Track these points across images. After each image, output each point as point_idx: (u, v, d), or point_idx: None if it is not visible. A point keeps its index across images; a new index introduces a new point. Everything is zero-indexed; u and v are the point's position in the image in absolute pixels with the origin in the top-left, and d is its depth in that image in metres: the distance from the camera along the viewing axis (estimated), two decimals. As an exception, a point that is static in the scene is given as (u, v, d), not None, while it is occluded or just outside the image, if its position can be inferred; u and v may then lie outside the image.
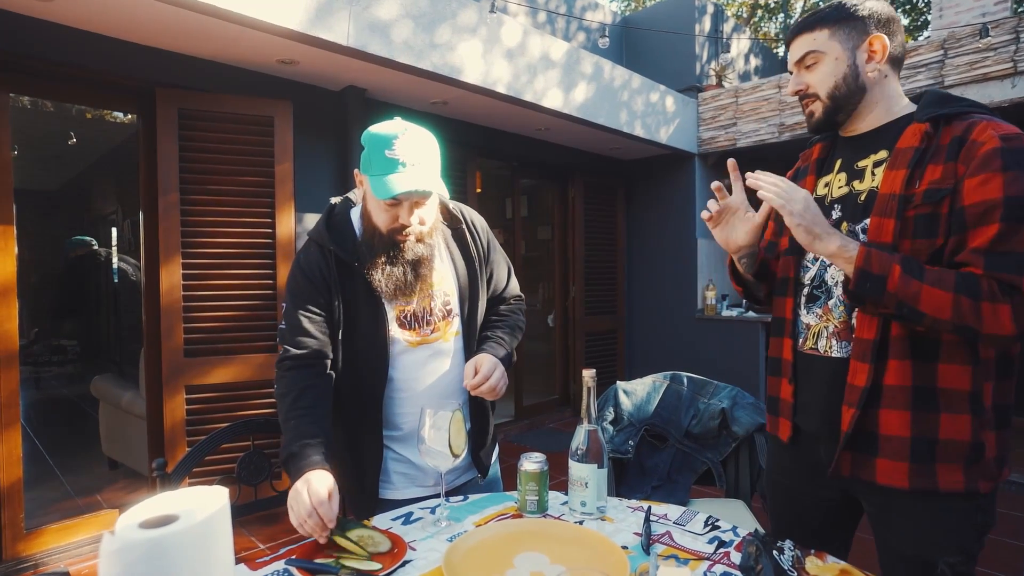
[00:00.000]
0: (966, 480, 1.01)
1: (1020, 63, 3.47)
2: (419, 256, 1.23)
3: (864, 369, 1.05)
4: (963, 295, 0.92)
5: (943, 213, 0.99)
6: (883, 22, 1.12)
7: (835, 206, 1.17)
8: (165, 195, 2.67)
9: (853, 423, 1.05)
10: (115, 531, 0.68)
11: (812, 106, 1.17)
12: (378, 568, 0.95)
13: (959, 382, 1.01)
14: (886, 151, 1.10)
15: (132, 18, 2.39)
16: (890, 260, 0.97)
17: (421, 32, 2.95)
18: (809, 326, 1.20)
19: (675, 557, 1.01)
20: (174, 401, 2.68)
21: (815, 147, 1.29)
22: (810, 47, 1.14)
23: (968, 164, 0.98)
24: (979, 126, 1.00)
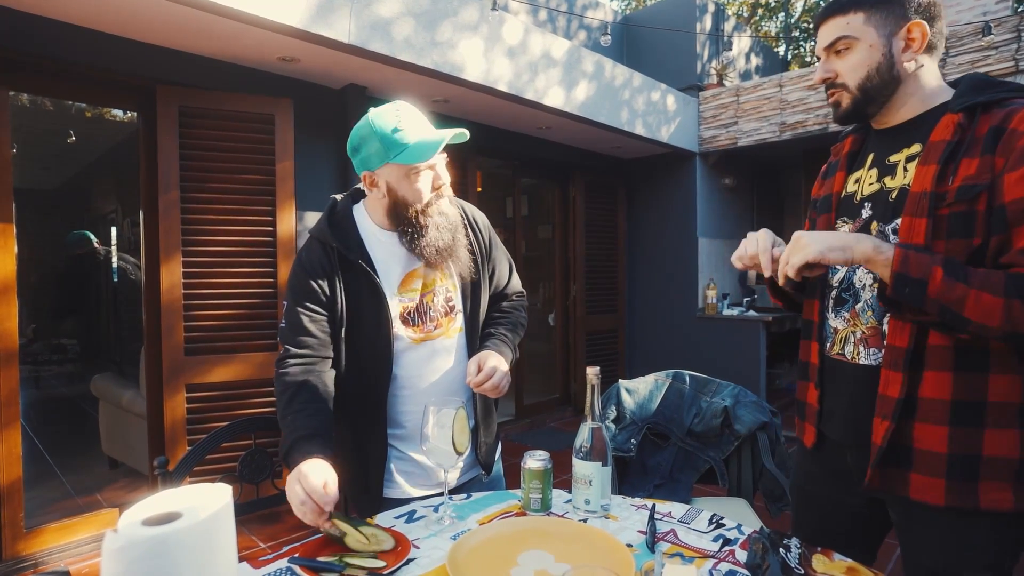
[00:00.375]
0: (1016, 499, 0.93)
1: (1022, 61, 3.47)
2: (455, 220, 1.27)
3: (897, 379, 0.98)
4: (1015, 298, 0.85)
5: (980, 210, 0.91)
6: (924, 7, 1.02)
7: (865, 204, 1.09)
8: (165, 193, 2.66)
9: (887, 437, 0.99)
10: (118, 529, 0.67)
11: (839, 96, 1.09)
12: (382, 566, 0.95)
13: (1008, 394, 0.93)
14: (919, 144, 1.02)
15: (133, 15, 2.38)
16: (931, 262, 0.89)
17: (422, 30, 2.94)
18: (837, 330, 1.14)
19: (680, 555, 1.01)
20: (174, 400, 2.68)
21: (846, 140, 1.21)
22: (842, 32, 1.05)
23: (1008, 156, 0.90)
24: (1019, 114, 0.91)
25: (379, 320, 1.24)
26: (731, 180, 5.39)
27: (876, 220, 1.07)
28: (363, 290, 1.24)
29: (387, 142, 1.17)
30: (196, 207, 2.74)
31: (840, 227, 1.14)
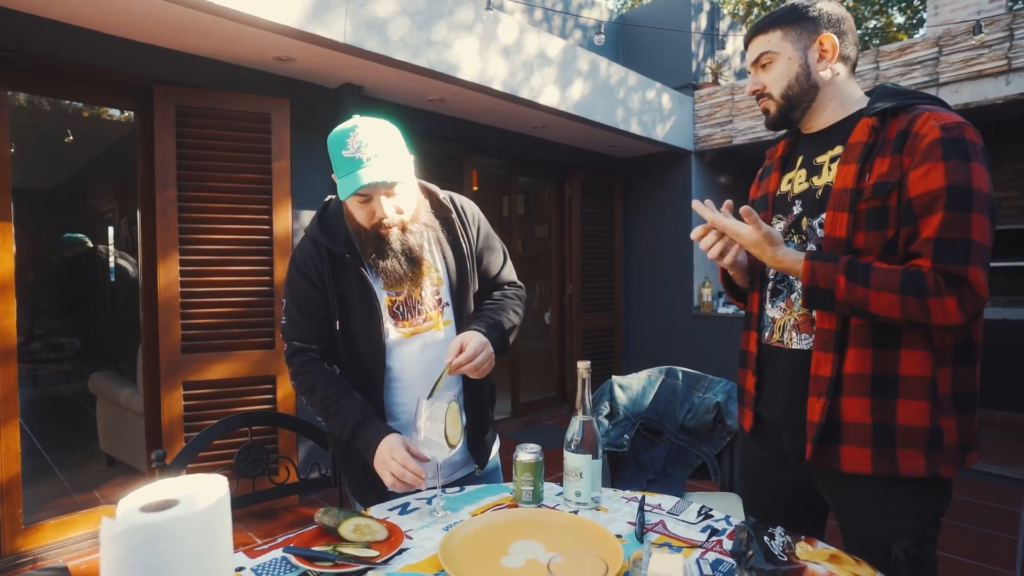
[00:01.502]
0: (927, 464, 1.03)
1: (1014, 60, 3.49)
2: (408, 245, 1.25)
3: (828, 359, 1.08)
4: (909, 295, 0.96)
5: (892, 205, 1.02)
6: (833, 22, 1.15)
7: (796, 202, 1.20)
8: (163, 192, 2.68)
9: (824, 413, 1.08)
10: (116, 515, 0.69)
11: (767, 104, 1.20)
12: (375, 555, 0.96)
13: (918, 369, 1.03)
14: (841, 146, 1.13)
15: (130, 15, 2.39)
16: (833, 271, 1.01)
17: (417, 29, 2.96)
18: (775, 319, 1.23)
19: (668, 545, 1.03)
20: (171, 397, 2.69)
21: (779, 144, 1.32)
22: (764, 48, 1.17)
23: (912, 156, 1.01)
24: (922, 118, 1.02)
25: (370, 314, 1.27)
26: (727, 178, 5.42)
27: (805, 216, 1.17)
28: (353, 284, 1.27)
29: (333, 161, 1.22)
30: (193, 206, 2.75)
31: (776, 223, 1.24)
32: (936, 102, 1.09)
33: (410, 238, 1.25)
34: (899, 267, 1.00)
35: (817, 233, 1.13)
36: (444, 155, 3.95)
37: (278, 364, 2.95)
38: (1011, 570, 2.40)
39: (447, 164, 3.97)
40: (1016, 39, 3.48)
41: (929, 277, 0.96)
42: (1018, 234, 4.79)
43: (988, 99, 3.62)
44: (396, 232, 1.24)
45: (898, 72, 3.96)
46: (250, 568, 0.97)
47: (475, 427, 1.37)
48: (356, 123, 1.21)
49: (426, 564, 0.96)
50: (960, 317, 0.96)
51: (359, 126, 1.20)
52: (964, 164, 0.98)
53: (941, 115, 1.02)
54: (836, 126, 1.17)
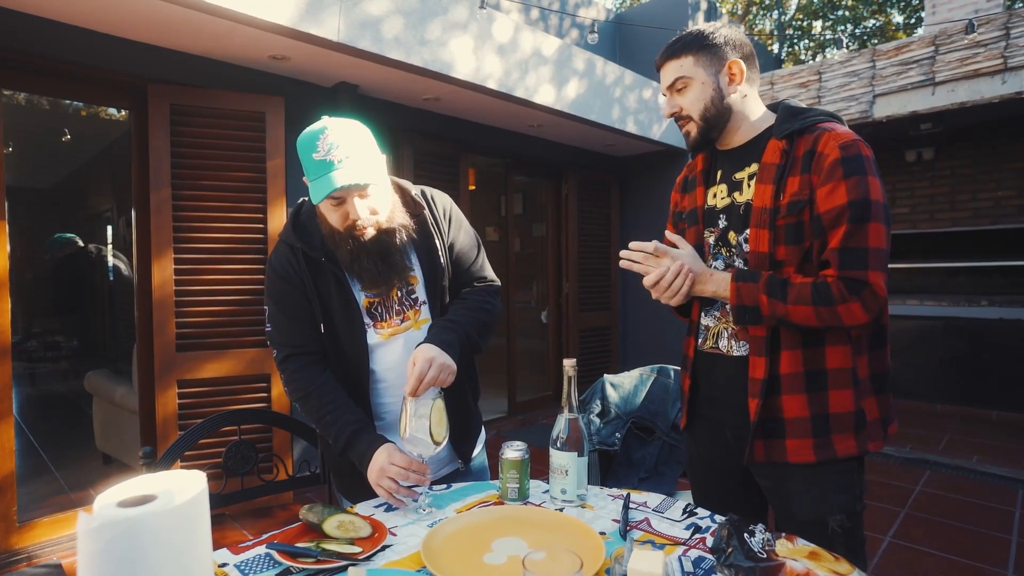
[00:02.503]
0: (858, 444, 1.16)
1: (1010, 59, 3.49)
2: (385, 246, 1.23)
3: (761, 363, 1.19)
4: (820, 306, 1.09)
5: (805, 220, 1.14)
6: (737, 47, 1.24)
7: (721, 216, 1.29)
8: (157, 191, 2.68)
9: (759, 412, 1.18)
10: (93, 510, 0.69)
11: (688, 127, 1.27)
12: (358, 551, 0.97)
13: (842, 361, 1.16)
14: (756, 163, 1.23)
15: (124, 14, 2.39)
16: (756, 291, 1.14)
17: (411, 28, 2.96)
18: (708, 327, 1.33)
19: (651, 542, 1.03)
20: (166, 395, 2.70)
21: (698, 159, 1.39)
22: (679, 73, 1.24)
23: (819, 174, 1.12)
24: (823, 138, 1.13)
25: (350, 315, 1.26)
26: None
27: (732, 230, 1.27)
28: (331, 287, 1.25)
29: (303, 164, 1.19)
30: (187, 204, 2.76)
31: (707, 236, 1.33)
32: (834, 119, 1.20)
33: (385, 238, 1.23)
34: (809, 280, 1.12)
35: (743, 248, 1.24)
36: (440, 154, 3.96)
37: (272, 362, 2.94)
38: (1004, 569, 2.40)
39: (443, 163, 3.97)
40: (1012, 38, 3.48)
41: (833, 287, 1.09)
42: (1016, 233, 4.79)
43: (984, 98, 3.61)
44: (371, 232, 1.21)
45: (894, 71, 3.96)
46: (233, 564, 0.97)
47: (457, 421, 1.33)
48: (325, 124, 1.18)
49: (408, 561, 0.97)
50: (866, 317, 1.09)
51: (328, 128, 1.17)
52: (862, 179, 1.09)
53: (839, 134, 1.12)
54: (749, 144, 1.26)
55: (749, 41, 1.29)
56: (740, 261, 1.25)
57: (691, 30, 1.26)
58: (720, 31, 1.24)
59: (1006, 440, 4.14)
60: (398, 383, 1.29)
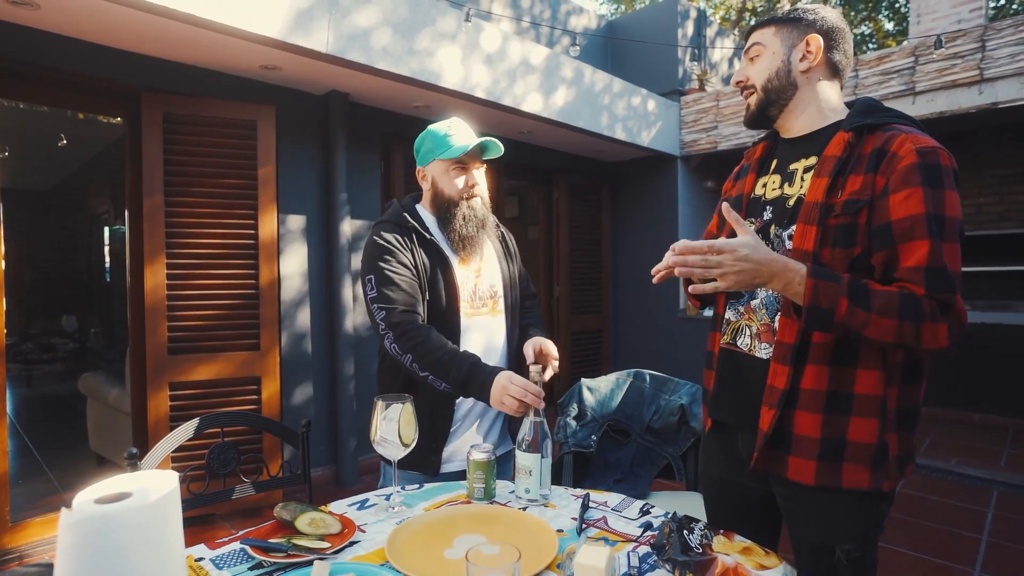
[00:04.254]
0: (872, 479, 1.05)
1: (986, 71, 3.57)
2: (484, 219, 1.50)
3: (784, 372, 1.08)
4: (907, 320, 0.95)
5: (861, 223, 1.02)
6: (826, 29, 1.16)
7: (767, 207, 1.20)
8: (150, 197, 2.75)
9: (773, 424, 1.09)
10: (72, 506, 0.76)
11: (750, 99, 1.22)
12: (326, 547, 1.03)
13: (872, 388, 1.04)
14: (815, 156, 1.13)
15: (117, 26, 2.46)
16: (837, 293, 0.97)
17: (400, 38, 3.03)
18: (729, 321, 1.25)
19: (605, 539, 1.09)
20: (158, 397, 2.76)
21: (758, 146, 1.32)
22: (756, 39, 1.21)
23: (888, 177, 1.01)
24: (898, 139, 1.02)
25: (449, 290, 1.46)
26: (713, 183, 5.49)
27: (775, 224, 1.17)
28: (435, 263, 1.46)
29: (436, 142, 1.49)
30: (180, 210, 2.82)
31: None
32: (912, 123, 1.09)
33: (485, 213, 1.51)
34: (895, 290, 0.98)
35: (785, 244, 1.12)
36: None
37: (262, 365, 3.02)
38: (972, 568, 2.46)
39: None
40: (987, 50, 3.56)
41: (925, 303, 0.96)
42: (996, 239, 4.87)
43: (962, 108, 3.69)
44: (478, 203, 1.49)
45: (876, 80, 4.03)
46: (209, 559, 1.03)
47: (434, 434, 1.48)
48: (450, 120, 1.54)
49: (374, 555, 1.03)
50: (947, 342, 0.97)
51: (454, 120, 1.53)
52: (939, 192, 0.99)
53: (918, 138, 1.02)
54: (813, 134, 1.17)
55: (846, 28, 1.19)
56: None
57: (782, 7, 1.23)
58: (818, 10, 1.16)
59: (985, 442, 4.21)
60: None
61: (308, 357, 3.36)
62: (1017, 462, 3.77)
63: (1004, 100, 3.57)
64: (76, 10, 2.31)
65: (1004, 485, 3.40)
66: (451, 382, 1.33)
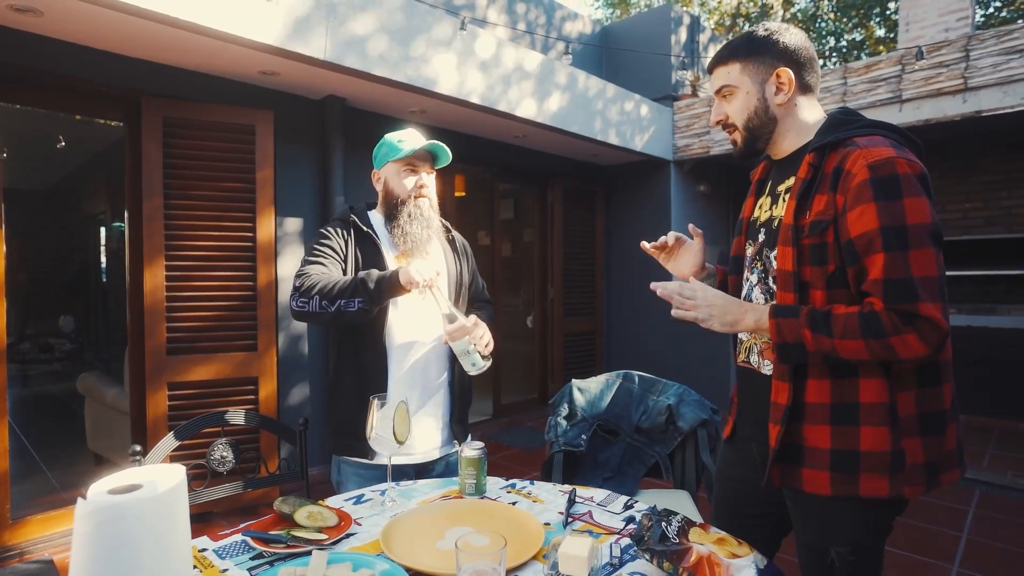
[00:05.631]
0: (891, 488, 1.05)
1: (970, 80, 3.65)
2: (429, 217, 1.58)
3: (784, 388, 1.12)
4: (871, 339, 0.99)
5: (829, 241, 1.06)
6: (790, 53, 1.16)
7: (761, 230, 1.24)
8: (149, 199, 2.79)
9: (779, 440, 1.12)
10: (87, 496, 0.81)
11: (734, 135, 1.24)
12: (324, 538, 1.08)
13: (877, 396, 1.05)
14: (793, 177, 1.16)
15: (118, 32, 2.51)
16: (798, 327, 1.04)
17: (396, 45, 3.08)
18: (741, 340, 1.30)
19: (590, 532, 1.15)
20: (156, 397, 2.80)
21: (759, 167, 1.35)
22: (725, 80, 1.20)
23: (845, 195, 1.03)
24: (852, 156, 1.04)
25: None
26: (706, 187, 5.56)
27: (765, 247, 1.22)
28: (368, 254, 1.56)
29: (390, 147, 1.60)
30: (179, 213, 2.87)
31: (748, 248, 1.30)
32: (880, 130, 1.10)
33: (432, 215, 1.60)
34: (855, 310, 1.02)
35: (773, 265, 1.17)
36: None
37: (260, 365, 3.06)
38: (951, 564, 2.53)
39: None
40: (971, 60, 3.64)
41: (884, 317, 0.98)
42: (983, 244, 4.96)
43: (947, 116, 3.77)
44: (426, 204, 1.58)
45: (864, 88, 4.11)
46: (212, 549, 1.08)
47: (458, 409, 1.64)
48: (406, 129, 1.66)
49: (369, 547, 1.08)
50: (925, 350, 0.98)
51: (409, 130, 1.66)
52: (895, 203, 1.00)
53: (871, 152, 1.03)
54: (794, 155, 1.20)
55: (807, 44, 1.20)
56: (771, 278, 1.19)
57: (745, 31, 1.21)
58: (773, 35, 1.17)
59: (971, 443, 4.29)
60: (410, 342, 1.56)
61: (304, 358, 3.41)
62: (1000, 462, 3.85)
63: (987, 109, 3.65)
64: (78, 17, 2.35)
65: (987, 485, 3.47)
66: (361, 293, 1.40)
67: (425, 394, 1.57)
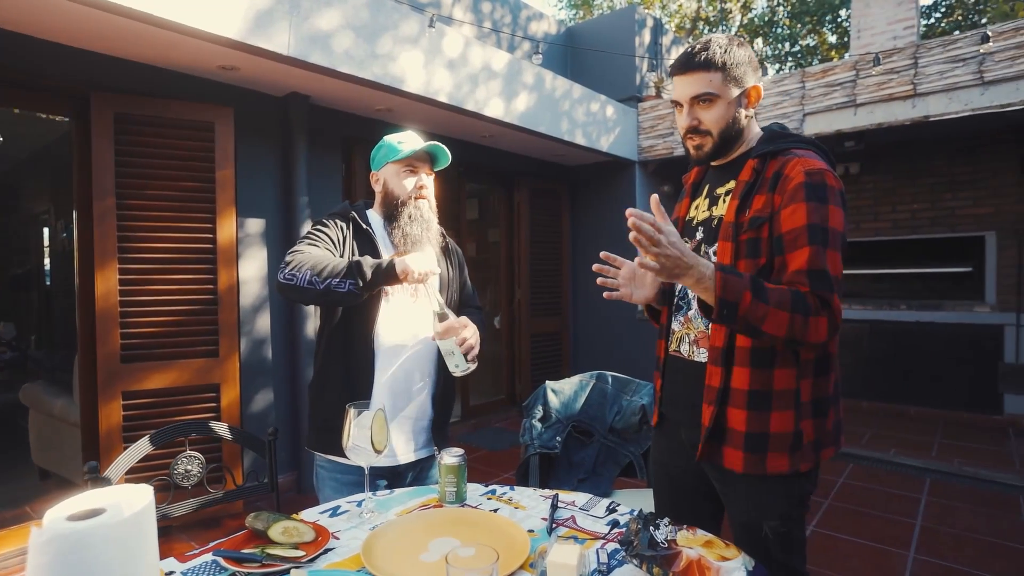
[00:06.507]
0: (791, 464, 1.20)
1: (919, 86, 3.81)
2: (428, 220, 1.58)
3: (718, 372, 1.23)
4: (798, 313, 1.09)
5: (764, 237, 1.18)
6: (755, 69, 1.28)
7: (698, 228, 1.34)
8: (101, 199, 2.65)
9: (712, 419, 1.24)
10: (43, 523, 0.74)
11: (702, 140, 1.28)
12: (301, 555, 1.04)
13: (787, 383, 1.19)
14: (734, 181, 1.27)
15: (66, 21, 2.36)
16: (742, 287, 1.09)
17: (363, 42, 3.01)
18: (674, 331, 1.40)
19: (575, 538, 1.14)
20: (110, 407, 2.66)
21: (692, 172, 1.46)
22: (707, 88, 1.23)
23: (782, 195, 1.16)
24: (792, 162, 1.18)
25: None
26: (669, 187, 5.66)
27: (704, 243, 1.32)
28: (365, 250, 1.54)
29: (390, 148, 1.58)
30: (133, 214, 2.73)
31: None
32: (811, 146, 1.24)
33: (431, 216, 1.59)
34: (785, 287, 1.12)
35: (712, 259, 1.27)
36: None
37: (221, 372, 2.95)
38: (907, 551, 2.64)
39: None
40: (920, 67, 3.80)
41: (810, 299, 1.10)
42: (930, 243, 5.20)
43: (898, 120, 3.93)
44: (425, 205, 1.58)
45: (821, 92, 4.25)
46: (180, 572, 1.02)
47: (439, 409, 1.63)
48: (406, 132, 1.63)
49: (349, 562, 1.04)
50: (826, 336, 1.11)
51: (408, 132, 1.62)
52: (823, 206, 1.14)
53: (809, 161, 1.17)
54: (735, 161, 1.31)
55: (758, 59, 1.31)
56: None
57: (717, 41, 1.25)
58: (742, 50, 1.25)
59: (919, 434, 4.49)
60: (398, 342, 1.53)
61: (268, 363, 3.30)
62: (947, 451, 4.05)
63: (934, 114, 3.83)
64: (21, 4, 2.21)
65: (936, 473, 3.64)
66: (355, 275, 1.37)
67: (407, 397, 1.55)
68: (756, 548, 1.22)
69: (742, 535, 1.27)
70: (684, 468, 1.39)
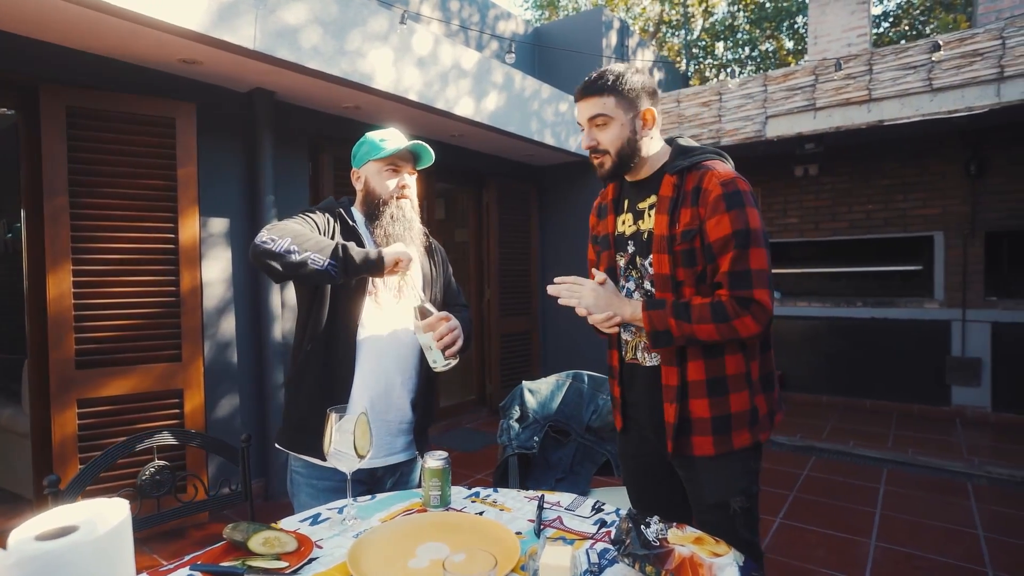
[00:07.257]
0: (752, 436, 1.35)
1: (873, 91, 3.97)
2: (411, 219, 1.56)
3: (673, 371, 1.36)
4: (719, 323, 1.26)
5: (697, 246, 1.31)
6: (650, 94, 1.39)
7: (629, 242, 1.45)
8: (52, 198, 2.51)
9: (676, 415, 1.36)
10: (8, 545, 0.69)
11: (603, 159, 1.41)
12: (284, 566, 1.00)
13: (738, 367, 1.34)
14: (654, 196, 1.39)
15: (10, 8, 2.23)
16: (665, 316, 1.30)
17: (331, 38, 2.95)
18: (626, 341, 1.50)
19: (563, 538, 1.13)
20: (64, 416, 2.53)
21: (609, 188, 1.55)
22: (600, 110, 1.36)
23: (705, 208, 1.29)
24: (707, 176, 1.31)
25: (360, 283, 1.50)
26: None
27: (638, 255, 1.43)
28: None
29: (372, 146, 1.55)
30: (88, 213, 2.60)
31: (619, 259, 1.49)
32: (716, 155, 1.37)
33: (413, 216, 1.57)
34: (708, 301, 1.28)
35: (649, 271, 1.40)
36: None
37: (185, 377, 2.84)
38: (868, 538, 2.74)
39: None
40: (875, 73, 3.96)
41: (727, 305, 1.26)
42: (884, 242, 5.42)
43: (855, 124, 4.09)
44: (407, 205, 1.55)
45: (783, 95, 4.38)
46: (155, 589, 0.98)
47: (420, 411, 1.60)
48: (388, 129, 1.61)
49: (335, 571, 1.01)
50: (758, 328, 1.26)
51: (391, 129, 1.60)
52: (742, 211, 1.27)
53: (720, 173, 1.30)
54: (651, 178, 1.42)
55: (659, 88, 1.44)
56: (648, 282, 1.42)
57: (611, 70, 1.38)
58: (636, 77, 1.38)
59: (876, 426, 4.68)
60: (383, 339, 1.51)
61: (234, 367, 3.19)
62: (901, 442, 4.23)
63: (888, 118, 3.99)
64: (-37, -10, 2.08)
65: (892, 463, 3.80)
66: (338, 257, 1.33)
67: (386, 399, 1.51)
68: (725, 529, 1.31)
69: (711, 518, 1.37)
70: (653, 463, 1.49)
